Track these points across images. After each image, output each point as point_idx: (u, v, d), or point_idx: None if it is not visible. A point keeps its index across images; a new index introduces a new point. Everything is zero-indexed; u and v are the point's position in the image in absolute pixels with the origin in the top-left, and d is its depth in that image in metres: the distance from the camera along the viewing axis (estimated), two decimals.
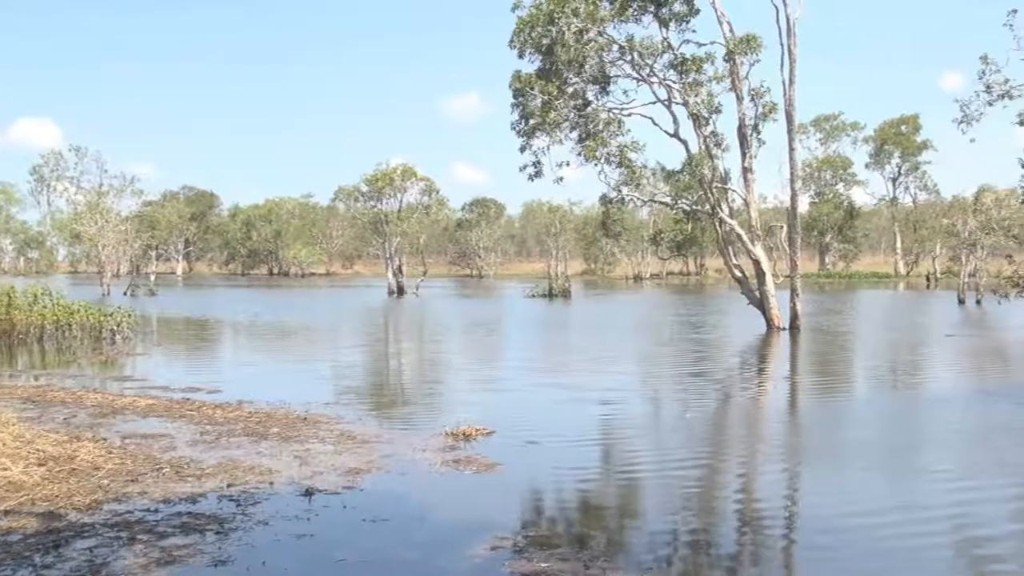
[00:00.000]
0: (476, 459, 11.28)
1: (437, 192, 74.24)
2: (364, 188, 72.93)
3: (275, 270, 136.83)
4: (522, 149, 34.05)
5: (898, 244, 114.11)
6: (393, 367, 24.72)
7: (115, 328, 29.05)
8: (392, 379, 22.16)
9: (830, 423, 15.34)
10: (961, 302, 51.15)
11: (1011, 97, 32.18)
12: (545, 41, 32.08)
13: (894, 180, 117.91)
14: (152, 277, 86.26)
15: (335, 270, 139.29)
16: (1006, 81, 32.28)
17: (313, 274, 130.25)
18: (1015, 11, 31.37)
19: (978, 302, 49.77)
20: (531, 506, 9.61)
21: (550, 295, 61.19)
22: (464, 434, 12.70)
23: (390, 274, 71.13)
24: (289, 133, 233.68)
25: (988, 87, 32.55)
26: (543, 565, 7.38)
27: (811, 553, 8.17)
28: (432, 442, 12.33)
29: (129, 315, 30.21)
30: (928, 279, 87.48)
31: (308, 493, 9.53)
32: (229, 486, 9.82)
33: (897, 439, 14.05)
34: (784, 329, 32.71)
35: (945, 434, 14.34)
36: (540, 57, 32.87)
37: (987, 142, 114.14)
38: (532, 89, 32.72)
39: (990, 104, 32.46)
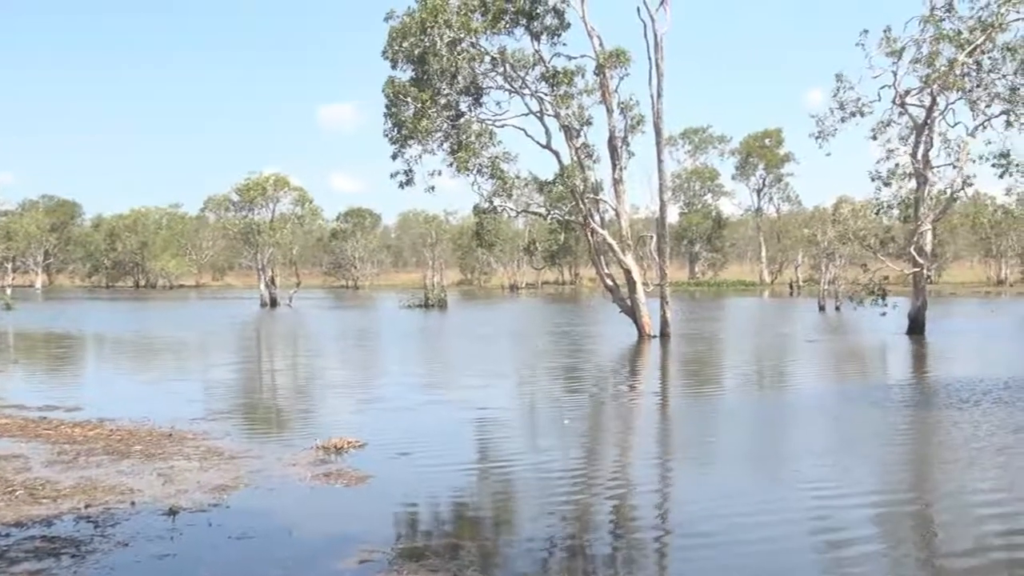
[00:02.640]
0: (347, 472, 11.17)
1: (311, 202, 73.44)
2: (235, 198, 71.32)
3: (142, 282, 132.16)
4: (394, 157, 33.95)
5: (763, 253, 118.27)
6: (264, 381, 24.23)
7: None
8: (262, 393, 21.68)
9: (699, 426, 15.78)
10: (821, 309, 53.41)
11: (863, 114, 33.93)
12: (418, 51, 32.08)
13: (759, 191, 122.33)
14: (8, 291, 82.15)
15: (205, 282, 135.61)
16: (859, 99, 34.01)
17: (182, 286, 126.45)
18: (867, 31, 33.17)
19: (837, 309, 52.02)
20: (402, 518, 9.56)
21: (426, 305, 61.03)
22: (335, 447, 12.55)
23: (262, 286, 69.81)
24: (157, 141, 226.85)
25: (842, 104, 34.22)
26: None
27: (681, 553, 8.38)
28: (302, 456, 12.14)
29: None
30: (791, 287, 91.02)
31: (172, 512, 9.25)
32: (87, 507, 9.45)
33: (762, 440, 14.62)
34: (655, 336, 33.48)
35: (807, 435, 14.96)
36: (413, 67, 32.85)
37: (847, 155, 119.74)
38: (405, 97, 32.64)
39: (843, 120, 34.17)
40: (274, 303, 67.63)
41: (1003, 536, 8.82)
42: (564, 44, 33.71)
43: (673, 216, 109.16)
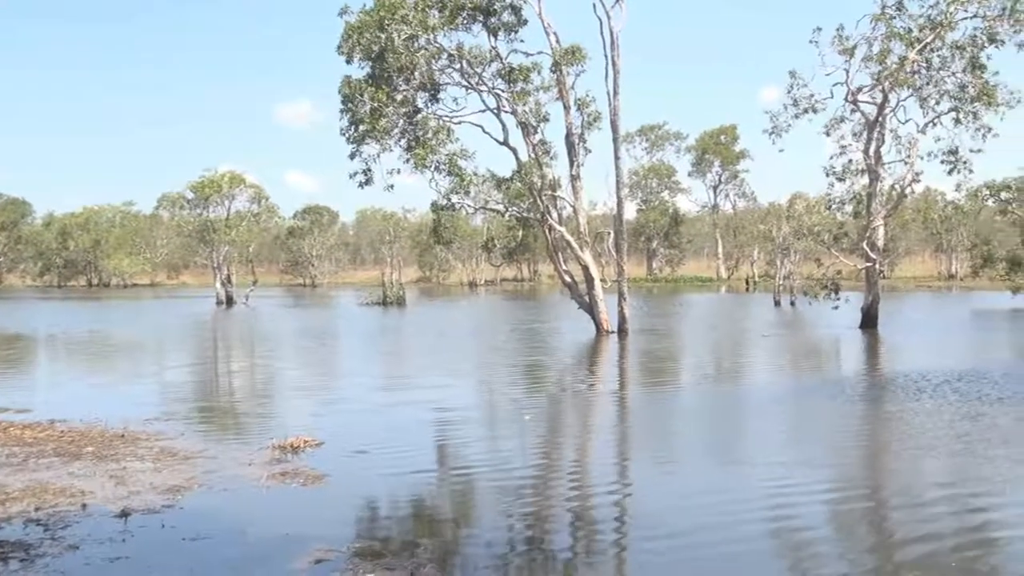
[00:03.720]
0: (303, 471, 11.09)
1: (267, 199, 72.90)
2: (189, 195, 70.51)
3: (95, 281, 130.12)
4: (352, 156, 33.73)
5: (719, 249, 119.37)
6: (220, 381, 23.97)
7: None
8: (218, 394, 21.44)
9: (657, 421, 15.88)
10: (777, 304, 54.00)
11: (816, 111, 34.34)
12: (375, 47, 31.87)
13: (715, 188, 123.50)
14: None
15: (160, 280, 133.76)
16: (812, 96, 34.42)
17: (136, 285, 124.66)
18: (820, 29, 33.55)
19: (792, 303, 52.66)
20: (359, 517, 9.50)
21: (384, 303, 60.76)
22: (292, 446, 12.46)
23: (218, 284, 69.12)
24: (110, 139, 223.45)
25: (796, 101, 34.60)
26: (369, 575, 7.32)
27: (641, 549, 8.41)
28: (258, 456, 12.04)
29: None
30: (747, 282, 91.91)
31: (124, 514, 9.12)
32: (37, 510, 9.29)
33: (720, 434, 14.77)
34: (613, 332, 33.63)
35: (765, 428, 15.13)
36: (370, 63, 32.64)
37: (802, 151, 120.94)
38: (362, 95, 32.42)
39: (797, 117, 34.56)
40: (230, 302, 66.98)
41: (955, 522, 9.01)
42: (521, 41, 33.80)
43: (631, 213, 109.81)
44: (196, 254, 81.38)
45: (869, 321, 34.94)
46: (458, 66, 33.36)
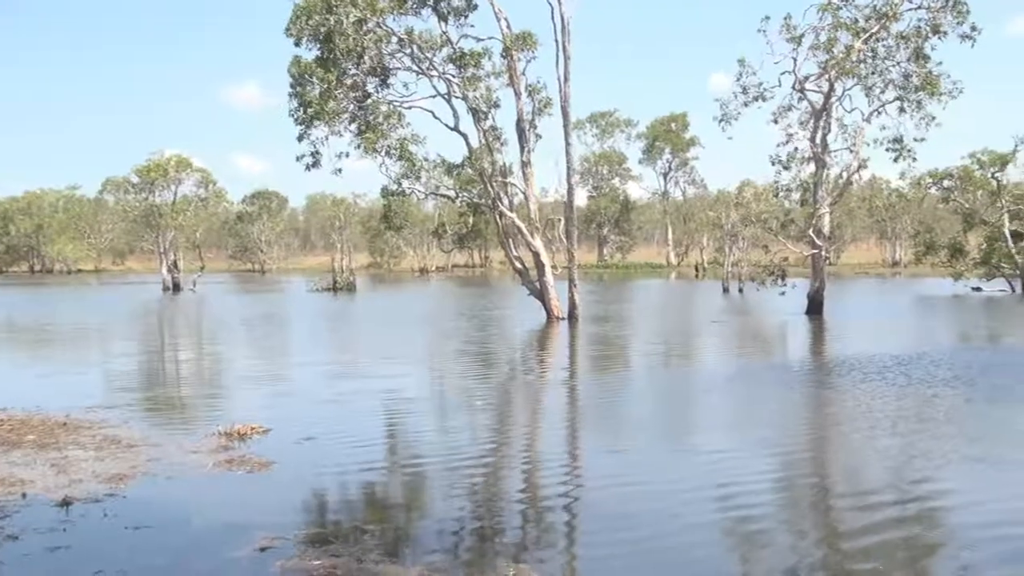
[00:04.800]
0: (250, 458, 10.97)
1: (214, 184, 72.14)
2: (135, 179, 69.43)
3: (37, 267, 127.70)
4: (300, 138, 33.38)
5: (670, 236, 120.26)
6: (166, 368, 23.64)
7: None
8: (164, 380, 21.13)
9: (606, 406, 15.95)
10: (725, 290, 54.57)
11: (764, 99, 34.69)
12: (323, 30, 31.54)
13: (665, 175, 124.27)
14: None
15: (105, 266, 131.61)
16: (760, 84, 34.76)
17: (80, 271, 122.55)
18: (768, 18, 33.84)
19: (740, 290, 53.24)
20: (306, 504, 9.40)
21: (334, 289, 60.40)
22: (238, 433, 12.32)
23: (165, 270, 68.28)
24: (53, 122, 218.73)
25: (745, 89, 34.91)
26: (315, 563, 7.26)
27: (589, 529, 8.47)
28: (204, 443, 11.88)
29: None
30: (697, 269, 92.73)
31: (65, 503, 8.95)
32: None
33: (669, 418, 14.92)
34: (563, 318, 33.75)
35: (712, 411, 15.33)
36: (319, 46, 32.29)
37: (751, 139, 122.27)
38: (311, 77, 32.10)
39: (746, 104, 34.88)
40: (177, 288, 66.18)
41: (896, 498, 9.20)
42: (472, 26, 33.69)
43: (582, 199, 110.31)
44: (142, 239, 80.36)
45: (815, 307, 35.44)
46: (408, 50, 33.17)
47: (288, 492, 9.63)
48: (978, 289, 52.04)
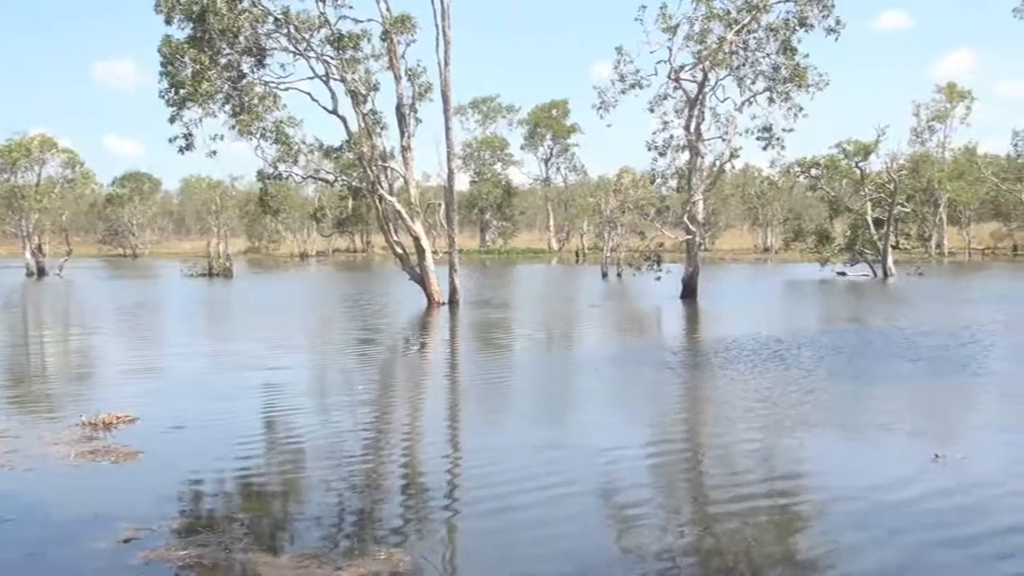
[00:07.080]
0: (115, 449, 10.66)
1: (81, 165, 69.38)
2: None
3: None
4: (172, 120, 32.34)
5: (551, 222, 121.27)
6: (28, 357, 22.62)
7: None
8: (24, 369, 20.16)
9: (485, 389, 16.06)
10: (604, 276, 55.43)
11: (641, 87, 35.31)
12: (195, 8, 30.58)
13: (547, 161, 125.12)
14: None
15: None
16: (637, 71, 35.35)
17: None
18: (644, 7, 34.39)
19: (619, 275, 54.15)
20: (174, 494, 9.15)
21: (210, 274, 58.91)
22: (103, 423, 11.94)
23: (28, 254, 65.46)
24: None
25: (622, 77, 35.45)
26: (180, 552, 7.12)
27: (471, 513, 8.53)
28: (66, 434, 11.47)
29: None
30: (577, 254, 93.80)
31: None
32: None
33: (547, 401, 15.15)
34: (444, 304, 33.74)
35: (589, 394, 15.65)
36: (191, 24, 31.30)
37: (630, 127, 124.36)
38: (183, 57, 31.13)
39: (624, 92, 35.43)
40: (42, 273, 63.52)
41: (766, 475, 9.63)
42: (350, 7, 32.94)
43: (464, 185, 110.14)
44: (3, 222, 76.63)
45: (689, 292, 36.34)
46: (285, 31, 32.45)
47: (155, 482, 9.40)
48: (843, 274, 54.24)
